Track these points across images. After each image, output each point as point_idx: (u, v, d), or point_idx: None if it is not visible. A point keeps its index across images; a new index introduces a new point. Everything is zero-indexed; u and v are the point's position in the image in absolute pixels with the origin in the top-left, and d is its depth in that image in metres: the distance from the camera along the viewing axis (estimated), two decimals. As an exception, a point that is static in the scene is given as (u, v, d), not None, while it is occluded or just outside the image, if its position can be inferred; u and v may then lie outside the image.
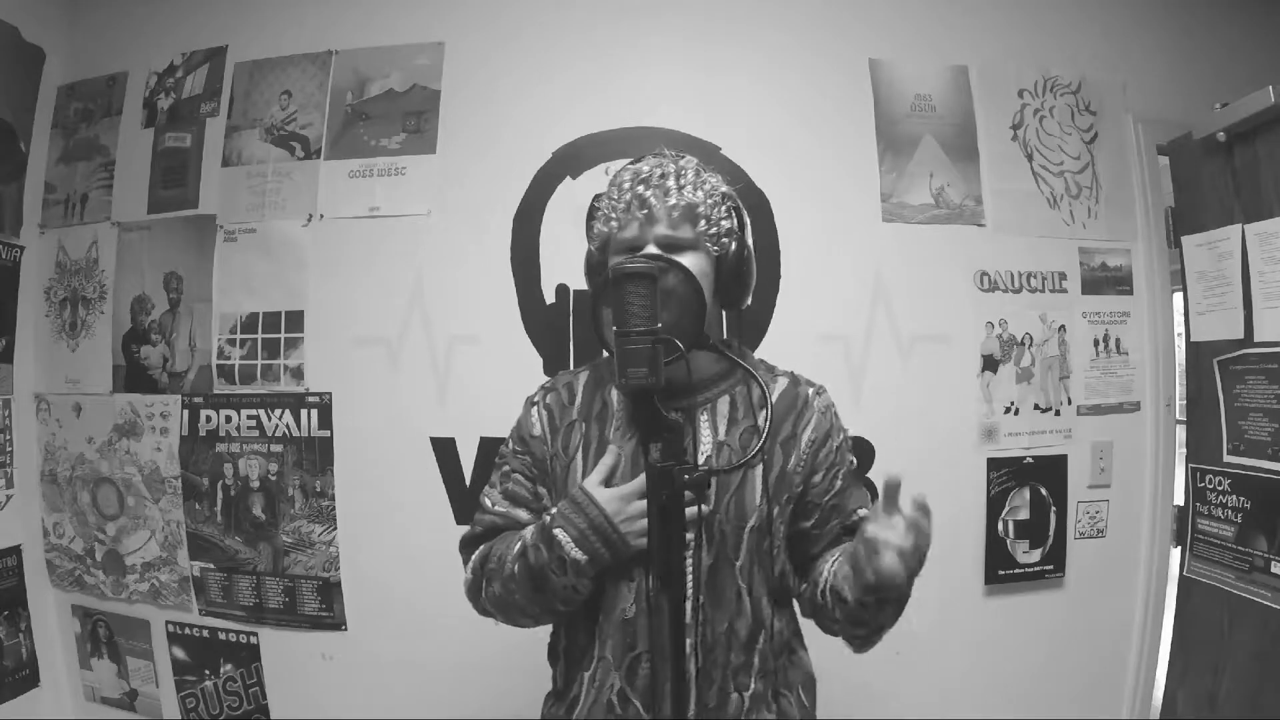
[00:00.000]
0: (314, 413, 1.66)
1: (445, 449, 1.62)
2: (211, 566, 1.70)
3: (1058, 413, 1.69)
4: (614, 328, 0.75)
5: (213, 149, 1.74)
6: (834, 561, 0.90)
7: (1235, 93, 1.43)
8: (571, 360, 1.61)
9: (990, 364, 1.67)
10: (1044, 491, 1.68)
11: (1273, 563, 1.38)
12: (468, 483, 1.61)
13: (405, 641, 1.63)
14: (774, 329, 1.62)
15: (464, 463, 1.62)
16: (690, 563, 0.84)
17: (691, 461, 0.81)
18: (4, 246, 1.75)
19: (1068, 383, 1.70)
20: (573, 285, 1.61)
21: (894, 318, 1.64)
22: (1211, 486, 1.53)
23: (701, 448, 0.89)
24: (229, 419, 1.69)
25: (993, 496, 1.66)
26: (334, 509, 1.65)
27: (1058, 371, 1.70)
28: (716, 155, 1.61)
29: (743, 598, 0.88)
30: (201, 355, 1.71)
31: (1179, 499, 1.69)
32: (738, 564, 0.88)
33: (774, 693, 0.90)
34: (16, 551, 1.76)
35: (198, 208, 1.73)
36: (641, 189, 0.87)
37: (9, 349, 1.76)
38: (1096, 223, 1.73)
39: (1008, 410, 1.67)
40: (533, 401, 0.99)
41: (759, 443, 0.86)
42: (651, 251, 0.86)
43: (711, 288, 0.89)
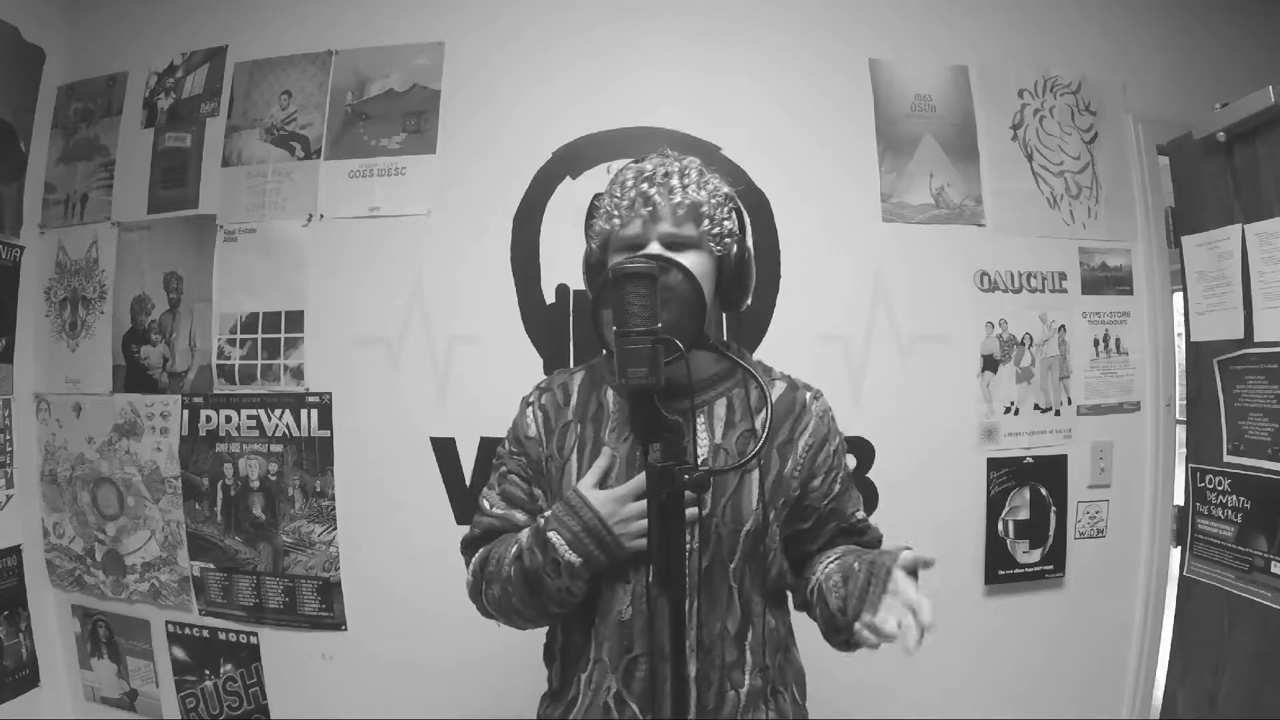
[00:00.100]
0: (314, 413, 1.66)
1: (445, 449, 1.62)
2: (211, 566, 1.70)
3: (1058, 413, 1.69)
4: (614, 328, 0.75)
5: (213, 149, 1.74)
6: (829, 564, 0.90)
7: (1235, 93, 1.43)
8: (571, 360, 1.61)
9: (990, 364, 1.67)
10: (1044, 491, 1.68)
11: (1273, 563, 1.38)
12: (468, 483, 1.61)
13: (405, 641, 1.64)
14: (774, 329, 1.62)
15: (464, 463, 1.62)
16: (687, 565, 0.84)
17: (691, 462, 0.81)
18: (4, 246, 1.75)
19: (1068, 383, 1.70)
20: (573, 285, 1.61)
21: (894, 318, 1.64)
22: (1211, 486, 1.53)
23: (698, 450, 0.89)
24: (229, 419, 1.69)
25: (993, 496, 1.66)
26: (334, 509, 1.65)
27: (1058, 371, 1.70)
28: (717, 155, 1.61)
29: (733, 596, 0.88)
30: (201, 355, 1.71)
31: (1179, 499, 1.69)
32: (731, 566, 0.88)
33: (771, 690, 0.90)
34: (16, 551, 1.76)
35: (198, 208, 1.73)
36: (645, 186, 0.86)
37: (9, 349, 1.76)
38: (1096, 223, 1.73)
39: (1008, 410, 1.67)
40: (528, 402, 0.98)
41: (757, 446, 0.86)
42: (654, 250, 0.85)
43: (713, 288, 0.89)
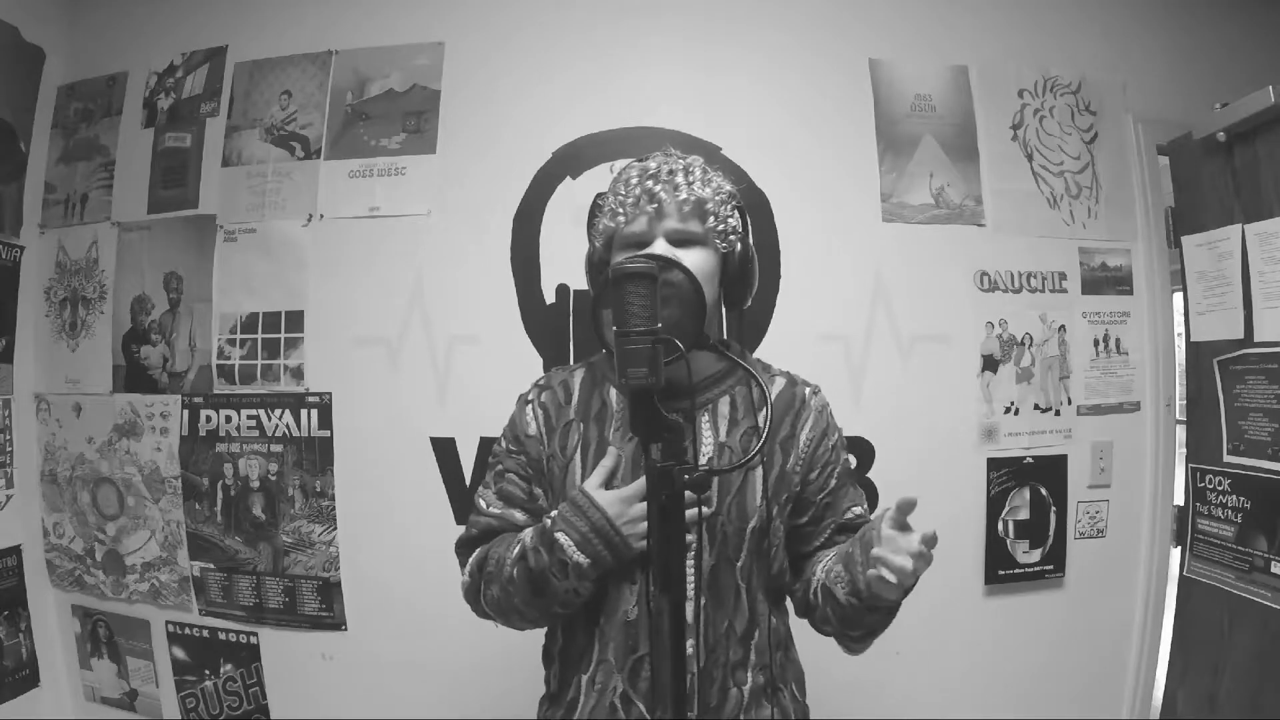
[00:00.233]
0: (314, 413, 1.66)
1: (445, 449, 1.62)
2: (211, 566, 1.70)
3: (1058, 413, 1.69)
4: (614, 327, 0.75)
5: (213, 149, 1.74)
6: (827, 561, 0.90)
7: (1235, 93, 1.43)
8: (571, 360, 1.61)
9: (990, 364, 1.67)
10: (1044, 491, 1.68)
11: (1273, 563, 1.38)
12: (468, 483, 1.61)
13: (405, 641, 1.64)
14: (774, 329, 1.62)
15: (464, 463, 1.62)
16: (692, 564, 0.84)
17: (692, 462, 0.81)
18: (4, 246, 1.75)
19: (1068, 383, 1.70)
20: (573, 285, 1.61)
21: (894, 318, 1.64)
22: (1211, 486, 1.53)
23: (703, 449, 0.89)
24: (229, 419, 1.69)
25: (993, 496, 1.66)
26: (334, 509, 1.65)
27: (1058, 371, 1.70)
28: (717, 155, 1.61)
29: (740, 595, 0.88)
30: (201, 355, 1.71)
31: (1179, 499, 1.69)
32: (738, 564, 0.88)
33: (772, 688, 0.90)
34: (16, 551, 1.76)
35: (198, 208, 1.73)
36: (650, 184, 0.86)
37: (9, 349, 1.76)
38: (1096, 223, 1.73)
39: (1008, 410, 1.67)
40: (527, 400, 0.97)
41: (759, 443, 0.86)
42: (659, 246, 0.85)
43: (717, 285, 0.89)
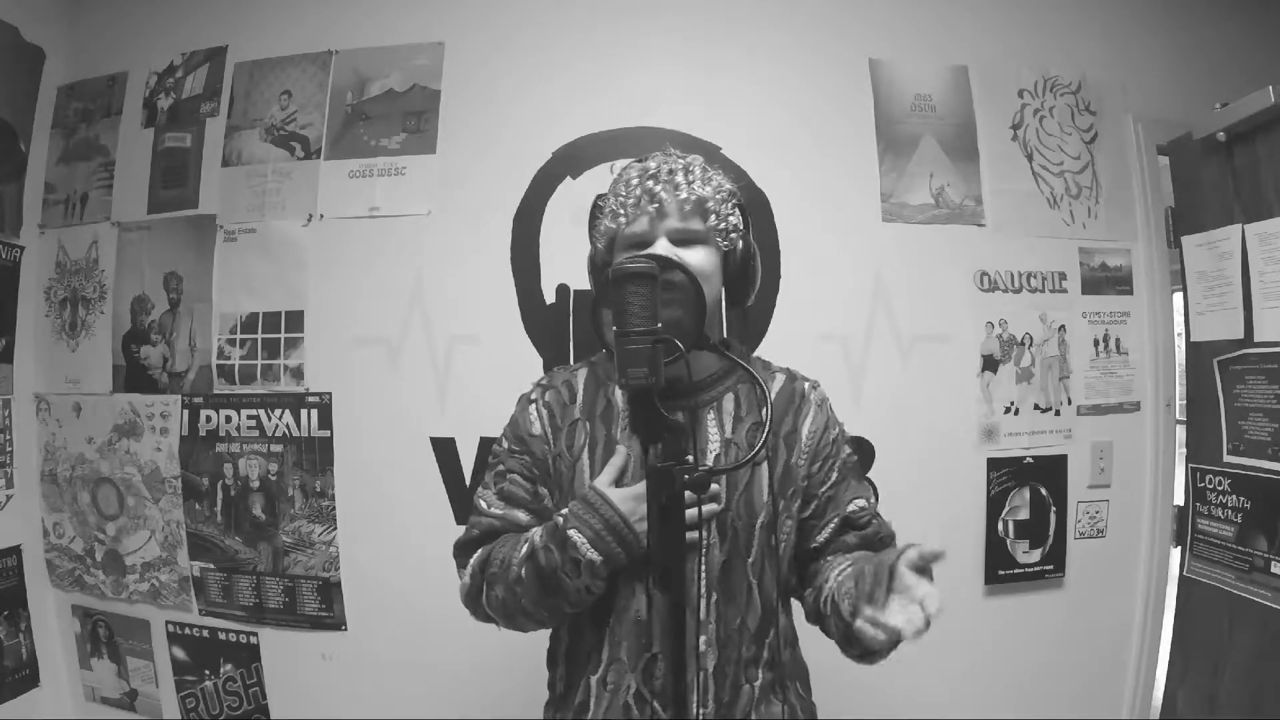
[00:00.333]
0: (314, 413, 1.66)
1: (445, 449, 1.62)
2: (211, 566, 1.70)
3: (1058, 413, 1.69)
4: (614, 328, 0.74)
5: (213, 149, 1.74)
6: (840, 571, 0.87)
7: (1235, 93, 1.43)
8: (572, 360, 1.61)
9: (990, 364, 1.67)
10: (1044, 491, 1.68)
11: (1273, 563, 1.38)
12: (468, 483, 1.61)
13: (405, 641, 1.64)
14: (774, 329, 1.62)
15: (464, 463, 1.62)
16: (704, 561, 0.85)
17: (693, 461, 0.81)
18: (4, 246, 1.75)
19: (1068, 383, 1.70)
20: (573, 285, 1.61)
21: (894, 318, 1.64)
22: (1211, 486, 1.53)
23: (710, 446, 0.89)
24: (229, 419, 1.69)
25: (993, 496, 1.66)
26: (334, 509, 1.65)
27: (1058, 371, 1.70)
28: (717, 155, 1.61)
29: (753, 592, 0.88)
30: (201, 355, 1.71)
31: (1179, 499, 1.69)
32: (749, 560, 0.88)
33: (781, 685, 0.90)
34: (16, 551, 1.76)
35: (198, 208, 1.73)
36: (651, 184, 0.86)
37: (9, 349, 1.76)
38: (1096, 223, 1.73)
39: (1008, 410, 1.67)
40: (530, 399, 0.96)
41: (762, 440, 0.86)
42: (661, 246, 0.85)
43: (719, 284, 0.89)
